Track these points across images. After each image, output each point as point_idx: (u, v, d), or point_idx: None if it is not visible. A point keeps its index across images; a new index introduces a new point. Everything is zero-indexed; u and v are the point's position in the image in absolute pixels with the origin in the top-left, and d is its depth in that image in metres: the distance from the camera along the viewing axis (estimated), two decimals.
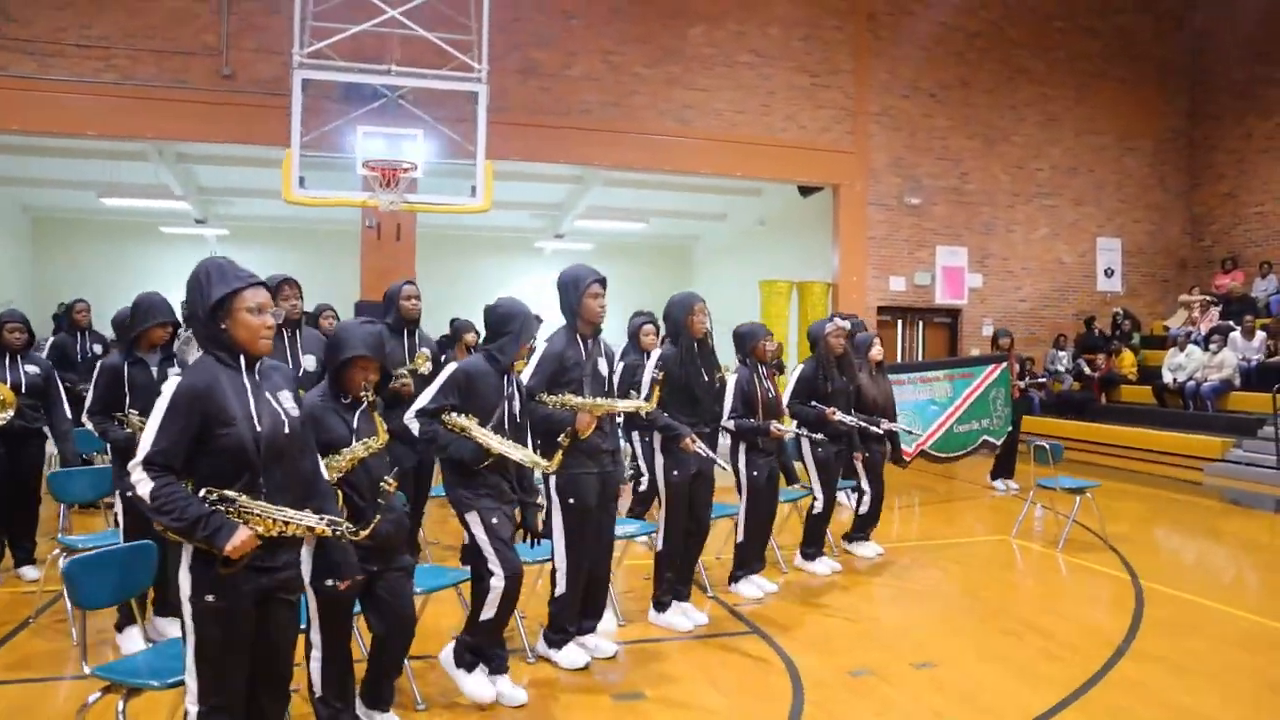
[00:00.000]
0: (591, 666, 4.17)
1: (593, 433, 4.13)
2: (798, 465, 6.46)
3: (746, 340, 5.44)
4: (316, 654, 3.23)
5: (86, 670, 2.95)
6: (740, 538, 5.37)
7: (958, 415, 8.71)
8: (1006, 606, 5.29)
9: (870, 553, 6.33)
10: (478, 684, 3.73)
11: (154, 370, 4.39)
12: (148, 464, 2.52)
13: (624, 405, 4.16)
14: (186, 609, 2.59)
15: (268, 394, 2.73)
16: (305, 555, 3.09)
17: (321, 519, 2.64)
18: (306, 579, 3.09)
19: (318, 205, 9.09)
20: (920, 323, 13.98)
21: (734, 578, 5.40)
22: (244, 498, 2.57)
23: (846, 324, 5.96)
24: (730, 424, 5.28)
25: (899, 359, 13.25)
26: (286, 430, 2.72)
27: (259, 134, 10.61)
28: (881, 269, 13.42)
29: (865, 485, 6.32)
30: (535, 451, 3.81)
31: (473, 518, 3.67)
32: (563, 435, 3.86)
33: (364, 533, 2.74)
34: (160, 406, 2.57)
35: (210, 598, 2.57)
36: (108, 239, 15.99)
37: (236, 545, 2.49)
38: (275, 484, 2.66)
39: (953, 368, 9.01)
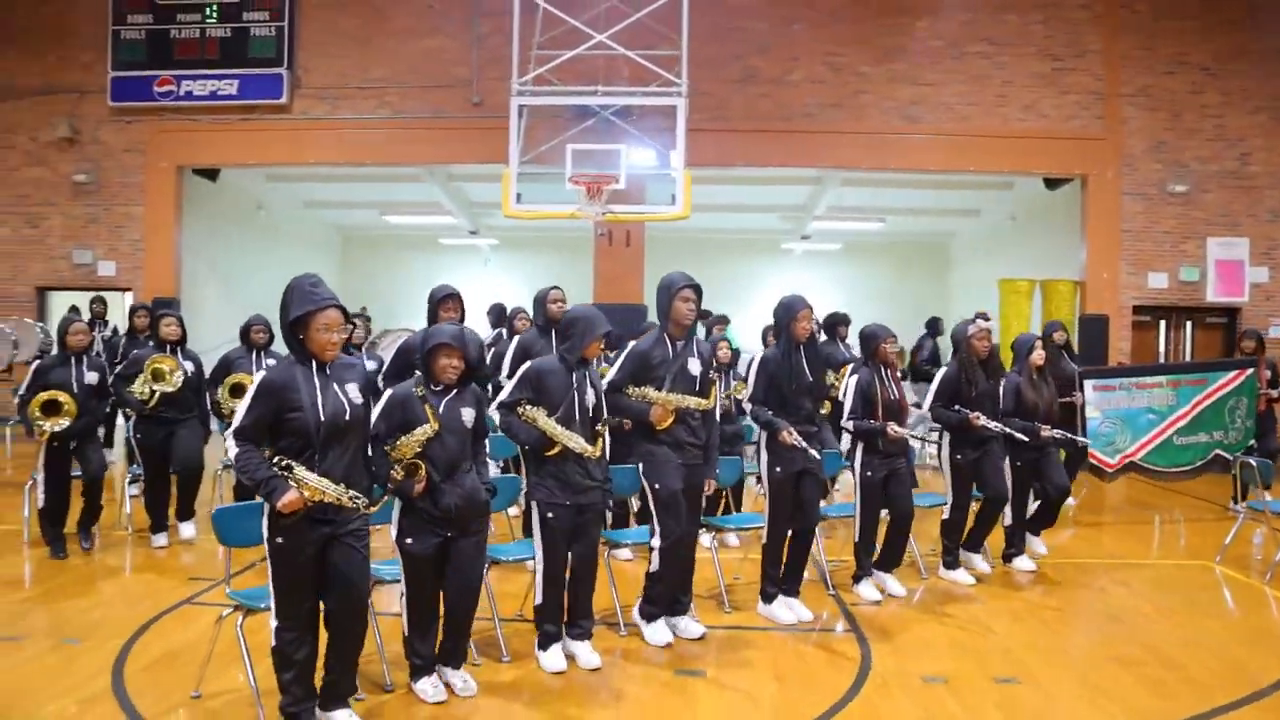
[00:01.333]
0: (674, 645, 4.48)
1: (679, 426, 4.46)
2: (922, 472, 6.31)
3: (869, 341, 5.48)
4: (403, 602, 3.86)
5: (228, 592, 3.79)
6: (856, 538, 5.40)
7: (1180, 425, 7.84)
8: (1145, 634, 4.87)
9: (1025, 565, 6.02)
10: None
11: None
12: (236, 435, 3.26)
13: (691, 402, 4.43)
14: (265, 548, 3.31)
15: (335, 387, 3.37)
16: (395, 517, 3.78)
17: (345, 493, 3.23)
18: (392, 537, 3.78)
19: (532, 218, 10.01)
20: (1189, 323, 12.55)
21: (856, 578, 5.44)
22: (300, 469, 3.22)
23: (990, 325, 5.74)
24: (849, 424, 5.35)
25: (1163, 363, 12.01)
26: (348, 416, 3.35)
27: (503, 153, 11.83)
28: (1138, 265, 12.22)
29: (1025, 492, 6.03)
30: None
31: (534, 507, 4.15)
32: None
33: (374, 507, 3.32)
34: (249, 393, 3.30)
35: (279, 540, 3.28)
36: (398, 251, 18.33)
37: (284, 504, 3.16)
38: (330, 459, 3.30)
39: (1181, 373, 8.12)
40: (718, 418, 4.82)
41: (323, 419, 3.29)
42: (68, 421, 5.66)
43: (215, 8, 12.12)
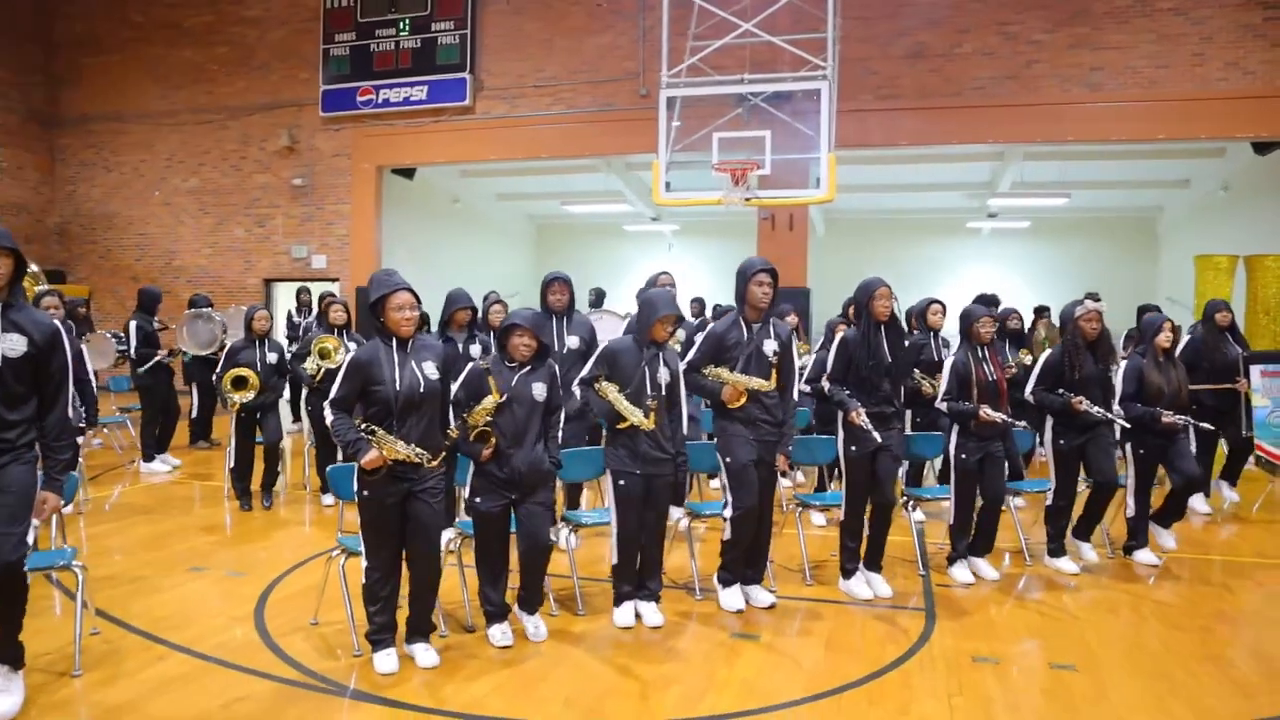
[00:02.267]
0: (745, 612, 4.74)
1: (752, 404, 4.69)
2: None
3: (965, 320, 5.42)
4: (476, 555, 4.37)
5: (338, 538, 4.45)
6: (951, 520, 5.39)
7: None
8: (1254, 637, 4.58)
9: (1147, 558, 5.72)
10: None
11: (459, 345, 5.90)
12: (332, 404, 3.86)
13: (755, 383, 4.63)
14: (355, 500, 3.90)
15: (413, 363, 3.90)
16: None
17: (414, 450, 3.75)
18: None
19: (681, 205, 10.33)
20: None
21: (950, 559, 5.44)
22: (380, 431, 3.78)
23: (1102, 306, 5.49)
24: (943, 405, 5.34)
25: None
26: (422, 389, 3.87)
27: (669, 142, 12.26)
28: None
29: (1131, 482, 5.72)
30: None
31: (606, 477, 4.53)
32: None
33: (434, 462, 3.79)
34: (343, 368, 3.89)
35: (365, 493, 3.86)
36: (586, 239, 19.22)
37: (366, 461, 3.73)
38: (408, 425, 3.84)
39: None
40: (795, 396, 4.97)
41: (399, 390, 3.83)
42: (252, 395, 6.65)
43: (407, 21, 13.31)
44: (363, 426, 3.83)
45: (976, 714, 3.58)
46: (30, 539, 3.53)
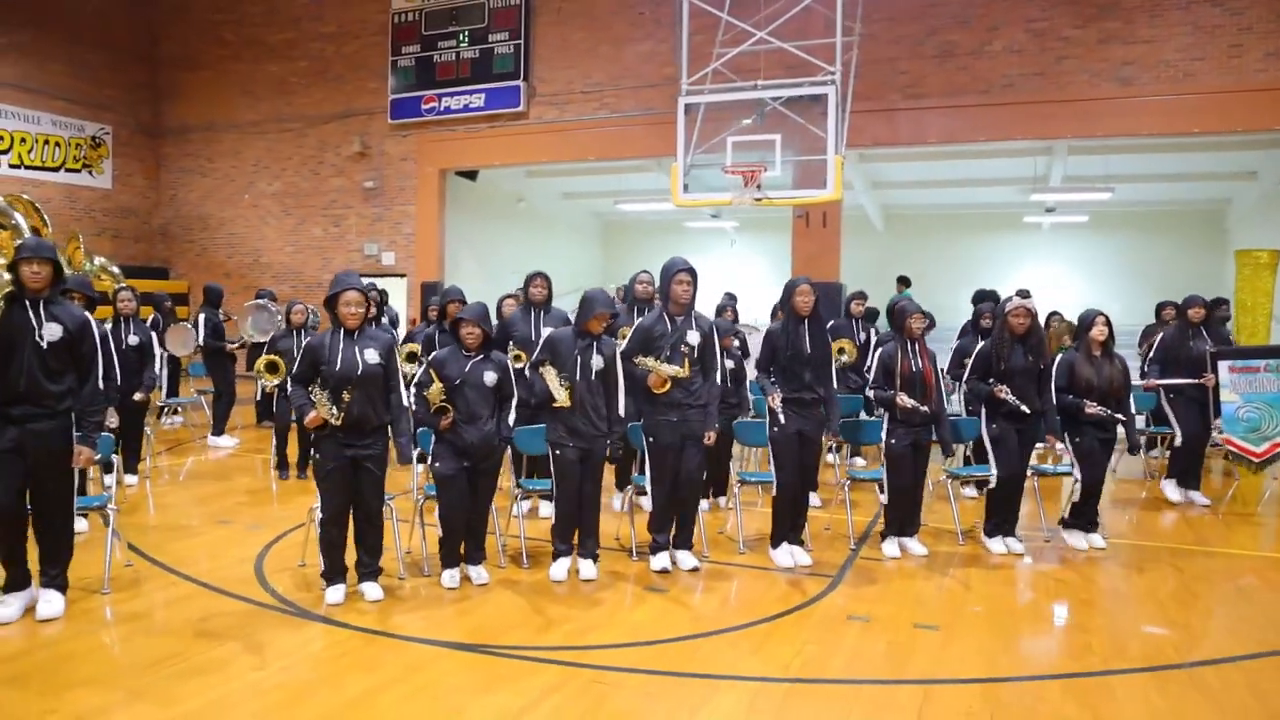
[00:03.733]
0: (672, 573, 5.37)
1: (676, 390, 5.32)
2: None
3: (897, 317, 5.90)
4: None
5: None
6: (884, 500, 5.87)
7: None
8: (1116, 609, 4.96)
9: (1081, 544, 6.06)
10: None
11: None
12: (292, 379, 4.70)
13: (670, 370, 5.25)
14: (311, 462, 4.73)
15: (356, 349, 4.69)
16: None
17: (333, 412, 4.53)
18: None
19: (696, 206, 10.89)
20: None
21: (883, 536, 5.93)
22: (319, 395, 4.58)
23: (1030, 303, 5.87)
24: (870, 392, 5.85)
25: None
26: (359, 371, 4.66)
27: (703, 144, 12.83)
28: None
29: (1076, 472, 6.06)
30: (626, 397, 5.26)
31: (548, 447, 5.25)
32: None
33: (336, 420, 4.55)
34: (301, 351, 4.72)
35: (317, 455, 4.67)
36: (650, 236, 19.92)
37: (307, 420, 4.54)
38: (354, 400, 4.63)
39: None
40: (718, 381, 5.56)
41: (339, 371, 4.63)
42: (279, 379, 7.60)
43: (466, 33, 14.26)
44: (312, 393, 4.63)
45: (818, 659, 4.14)
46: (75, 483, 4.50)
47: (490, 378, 5.06)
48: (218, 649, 4.12)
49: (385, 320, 12.17)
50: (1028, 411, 5.71)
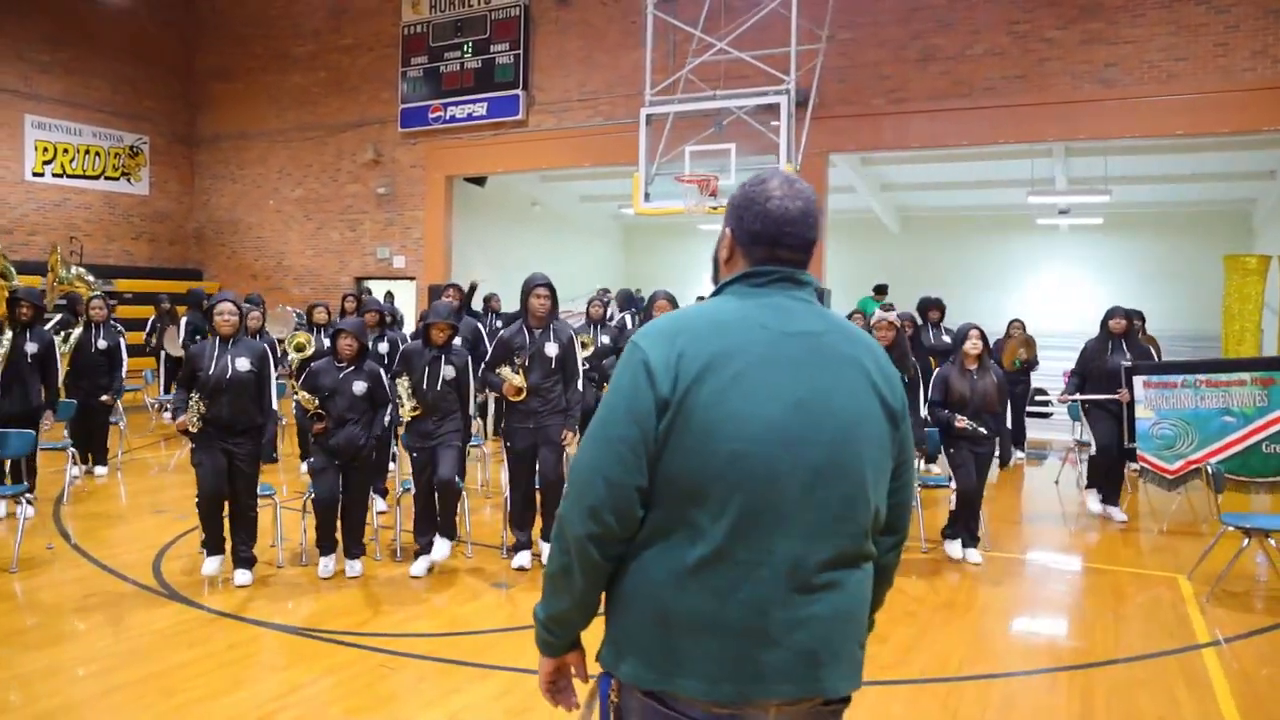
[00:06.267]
0: (529, 569, 5.73)
1: (532, 398, 5.65)
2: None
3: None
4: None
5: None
6: None
7: (1272, 431, 6.97)
8: (1029, 618, 5.13)
9: (955, 553, 6.19)
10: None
11: (370, 342, 7.16)
12: (178, 383, 5.21)
13: (518, 381, 5.57)
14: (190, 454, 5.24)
15: (229, 356, 5.18)
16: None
17: (196, 419, 5.01)
18: None
19: (656, 214, 11.16)
20: None
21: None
22: (194, 401, 5.07)
23: (893, 316, 6.03)
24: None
25: (1254, 357, 9.97)
26: (229, 376, 5.14)
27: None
28: None
29: (952, 484, 6.18)
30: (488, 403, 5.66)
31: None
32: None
33: (189, 422, 5.02)
34: (185, 357, 5.24)
35: (193, 446, 5.18)
36: (667, 238, 20.20)
37: (176, 424, 5.05)
38: (222, 402, 5.12)
39: (1269, 369, 7.18)
40: (580, 387, 5.87)
41: (212, 376, 5.12)
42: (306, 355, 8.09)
43: (470, 44, 14.78)
44: (192, 399, 5.14)
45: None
46: None
47: (360, 386, 5.49)
48: (75, 624, 4.65)
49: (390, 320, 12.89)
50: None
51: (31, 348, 6.16)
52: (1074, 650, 4.65)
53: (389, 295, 13.39)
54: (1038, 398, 11.40)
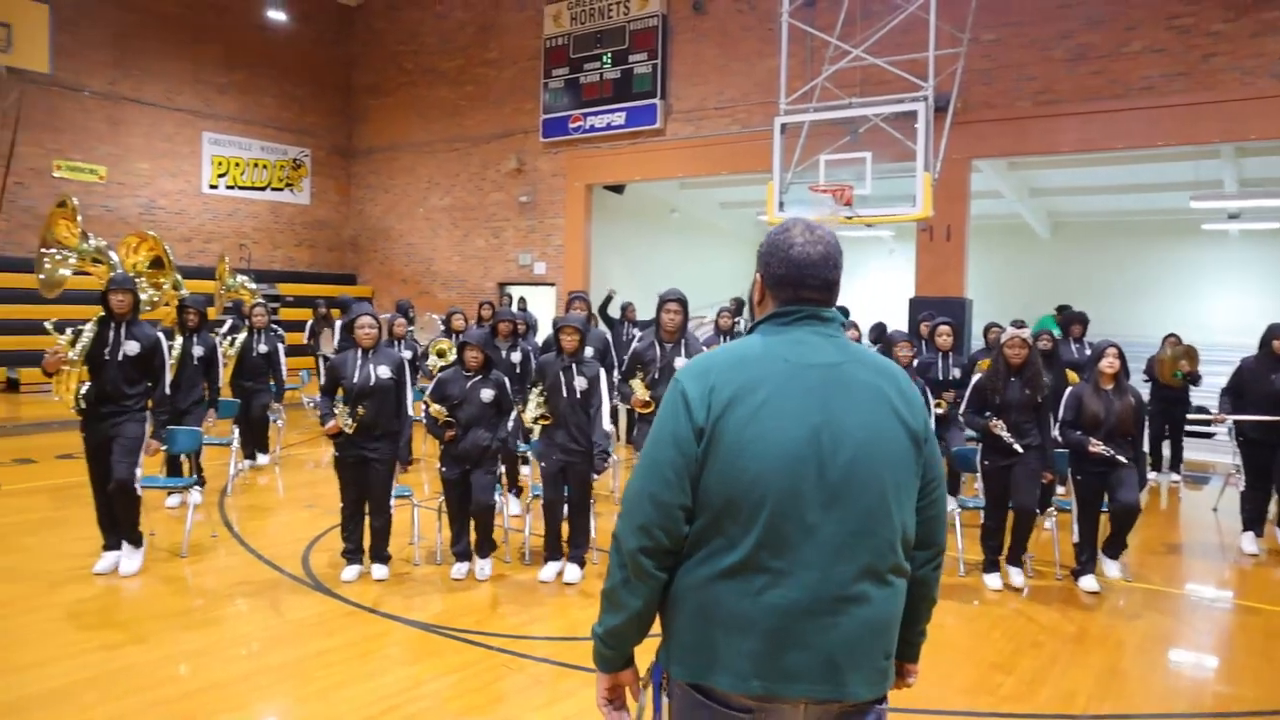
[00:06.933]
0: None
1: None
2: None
3: (887, 346, 6.04)
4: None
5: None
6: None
7: None
8: (1069, 653, 4.91)
9: (1089, 585, 5.87)
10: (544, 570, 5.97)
11: (503, 351, 7.45)
12: (321, 391, 5.60)
13: (645, 395, 5.68)
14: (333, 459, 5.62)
15: (371, 365, 5.53)
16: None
17: (348, 422, 5.35)
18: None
19: None
20: None
21: None
22: (340, 408, 5.44)
23: (1025, 333, 5.80)
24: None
25: None
26: (371, 384, 5.49)
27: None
28: None
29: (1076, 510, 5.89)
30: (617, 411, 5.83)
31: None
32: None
33: (349, 429, 5.34)
34: (324, 367, 5.62)
35: (336, 454, 5.55)
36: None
37: (325, 429, 5.41)
38: (364, 408, 5.47)
39: None
40: None
41: (355, 384, 5.47)
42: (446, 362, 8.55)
43: (609, 55, 15.09)
44: (337, 406, 5.51)
45: None
46: (139, 470, 5.59)
47: (488, 394, 5.73)
48: (231, 607, 5.08)
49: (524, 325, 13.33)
50: (1019, 449, 5.67)
51: (198, 351, 6.70)
52: (1217, 696, 4.38)
53: (521, 301, 13.82)
54: (1198, 416, 10.68)
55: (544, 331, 12.56)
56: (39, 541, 6.18)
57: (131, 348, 5.45)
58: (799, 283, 1.85)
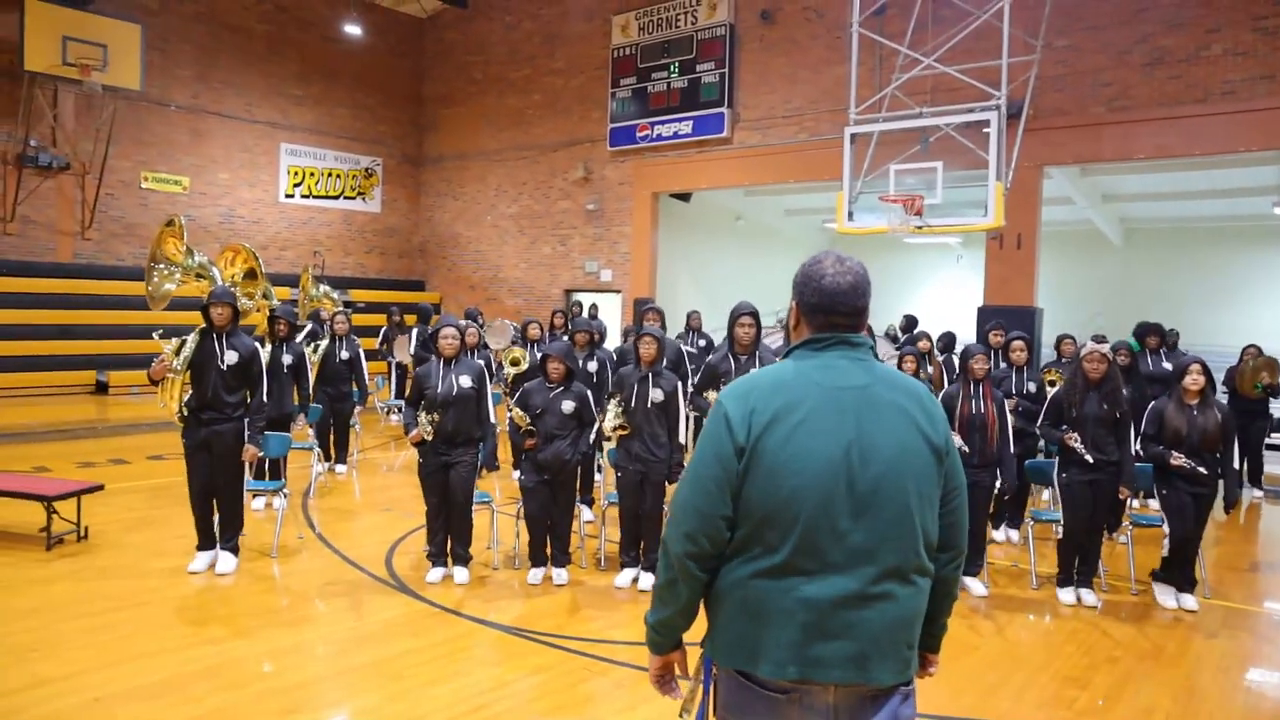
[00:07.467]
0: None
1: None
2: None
3: (962, 359, 6.04)
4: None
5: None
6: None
7: None
8: (1128, 672, 4.87)
9: (1169, 601, 5.80)
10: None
11: (580, 360, 7.62)
12: (406, 401, 5.82)
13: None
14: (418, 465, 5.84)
15: (453, 374, 5.74)
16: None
17: (429, 430, 5.55)
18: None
19: (860, 234, 11.03)
20: None
21: None
22: (424, 417, 5.65)
23: (1104, 348, 5.76)
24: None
25: None
26: (455, 393, 5.69)
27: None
28: None
29: (1165, 527, 5.82)
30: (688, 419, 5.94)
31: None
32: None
33: (428, 435, 5.54)
34: (411, 377, 5.84)
35: (421, 460, 5.76)
36: (869, 251, 19.85)
37: (409, 437, 5.63)
38: (448, 416, 5.67)
39: None
40: None
41: (439, 393, 5.68)
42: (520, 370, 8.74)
43: (676, 64, 15.23)
44: (420, 416, 5.72)
45: None
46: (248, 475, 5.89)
47: (568, 406, 5.88)
48: (318, 606, 5.31)
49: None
50: (1090, 461, 5.64)
51: (288, 359, 6.98)
52: None
53: (593, 308, 14.00)
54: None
55: (612, 339, 12.77)
56: (141, 539, 6.52)
57: (231, 357, 5.72)
58: (830, 309, 2.02)
